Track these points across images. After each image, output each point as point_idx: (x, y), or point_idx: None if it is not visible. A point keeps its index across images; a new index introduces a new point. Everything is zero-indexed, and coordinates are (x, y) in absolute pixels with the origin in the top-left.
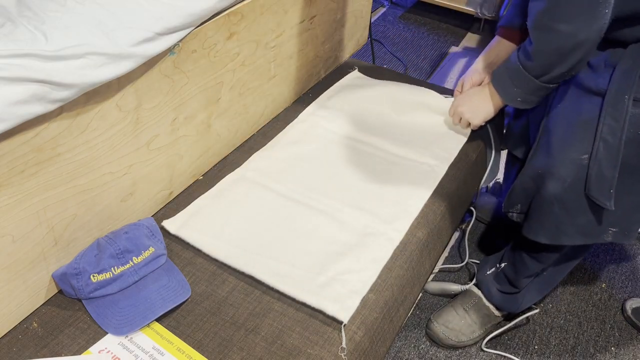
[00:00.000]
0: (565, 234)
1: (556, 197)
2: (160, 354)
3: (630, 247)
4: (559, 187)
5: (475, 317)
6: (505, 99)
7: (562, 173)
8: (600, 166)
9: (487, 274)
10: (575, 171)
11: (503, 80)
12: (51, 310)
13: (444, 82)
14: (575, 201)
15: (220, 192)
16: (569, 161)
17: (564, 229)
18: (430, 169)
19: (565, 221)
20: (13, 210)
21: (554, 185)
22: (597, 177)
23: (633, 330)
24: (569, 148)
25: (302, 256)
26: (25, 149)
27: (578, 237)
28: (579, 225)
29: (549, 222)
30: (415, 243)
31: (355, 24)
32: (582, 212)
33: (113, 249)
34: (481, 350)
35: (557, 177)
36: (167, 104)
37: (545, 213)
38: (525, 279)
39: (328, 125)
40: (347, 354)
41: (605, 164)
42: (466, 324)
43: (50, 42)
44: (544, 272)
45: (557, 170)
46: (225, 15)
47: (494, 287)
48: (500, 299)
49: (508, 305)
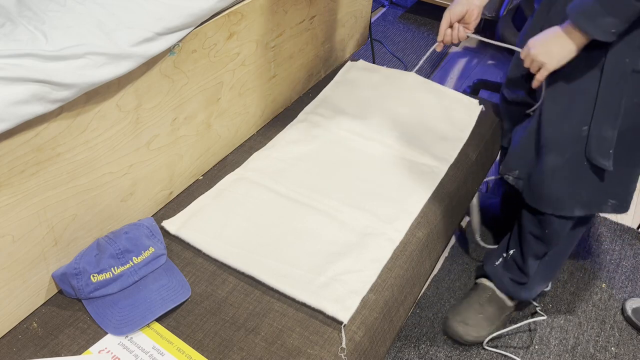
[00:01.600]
0: (567, 205)
1: (556, 168)
2: (160, 354)
3: (630, 247)
4: (559, 159)
5: (491, 310)
6: (594, 32)
7: (562, 145)
8: (600, 128)
9: (496, 265)
10: (574, 143)
11: (590, 11)
12: (51, 310)
13: (444, 82)
14: (575, 172)
15: (220, 192)
16: (569, 133)
17: (564, 199)
18: (430, 169)
19: (566, 192)
20: (13, 210)
21: (554, 158)
22: (597, 139)
23: (633, 330)
24: (567, 121)
25: (302, 256)
26: (25, 149)
27: (579, 208)
28: (580, 196)
29: (550, 192)
30: (415, 243)
31: (355, 24)
32: (583, 183)
33: (113, 249)
34: (482, 348)
35: (556, 149)
36: (167, 104)
37: (546, 183)
38: (532, 263)
39: (328, 125)
40: (347, 354)
41: (605, 126)
42: (484, 318)
43: (50, 42)
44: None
45: (557, 142)
46: (225, 15)
47: (505, 277)
48: (512, 287)
49: (521, 293)
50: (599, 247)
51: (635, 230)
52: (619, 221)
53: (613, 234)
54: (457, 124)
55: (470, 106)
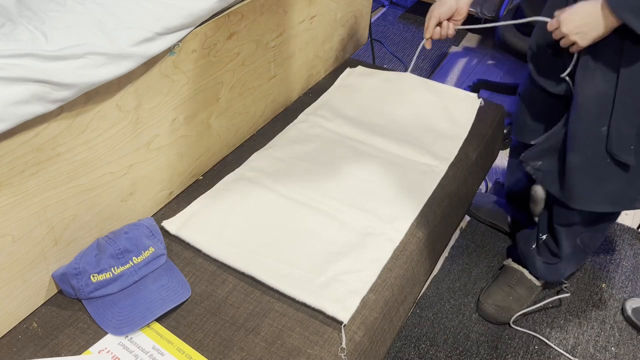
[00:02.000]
0: (595, 201)
1: (580, 168)
2: (160, 354)
3: (630, 247)
4: (581, 159)
5: (521, 291)
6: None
7: (582, 145)
8: (618, 126)
9: (531, 249)
10: (595, 142)
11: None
12: (51, 310)
13: (444, 82)
14: (600, 170)
15: (220, 192)
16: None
17: (592, 196)
18: (430, 169)
19: (593, 189)
20: (13, 210)
21: (576, 158)
22: (617, 136)
23: (633, 330)
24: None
25: (302, 256)
26: (25, 149)
27: (607, 204)
28: (607, 194)
29: (578, 189)
30: (415, 243)
31: (355, 24)
32: (609, 180)
33: (113, 249)
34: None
35: (577, 150)
36: (167, 104)
37: (572, 180)
38: (566, 248)
39: (328, 125)
40: (347, 354)
41: (623, 124)
42: (514, 300)
43: (50, 42)
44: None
45: (576, 143)
46: (225, 15)
47: (538, 260)
48: (544, 270)
49: (551, 275)
50: (599, 246)
51: (635, 230)
52: (619, 221)
53: (613, 234)
54: (457, 121)
55: (469, 101)
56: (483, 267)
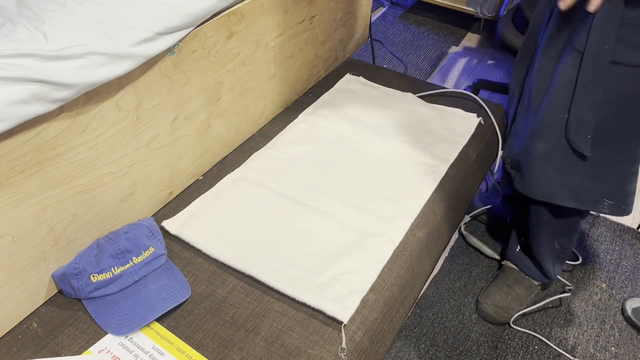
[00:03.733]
0: (558, 194)
1: (545, 155)
2: (160, 354)
3: (630, 247)
4: (547, 146)
5: (520, 291)
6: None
7: (549, 132)
8: (579, 110)
9: (517, 252)
10: (560, 131)
11: None
12: (51, 310)
13: (444, 82)
14: (564, 160)
15: (220, 192)
16: (554, 120)
17: (556, 188)
18: (430, 169)
19: (556, 180)
20: (13, 210)
21: (542, 145)
22: (576, 122)
23: (633, 330)
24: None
25: (302, 256)
26: (25, 149)
27: (570, 199)
28: (571, 188)
29: (542, 180)
30: (415, 243)
31: (355, 24)
32: (572, 173)
33: (113, 249)
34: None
35: (544, 136)
36: (167, 104)
37: (537, 170)
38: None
39: (328, 125)
40: (347, 354)
41: (584, 109)
42: (513, 299)
43: (50, 42)
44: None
45: (544, 130)
46: (225, 15)
47: (527, 261)
48: (535, 271)
49: (542, 277)
50: (599, 247)
51: (635, 230)
52: (619, 221)
53: (613, 234)
54: (456, 130)
55: (469, 118)
56: (483, 267)
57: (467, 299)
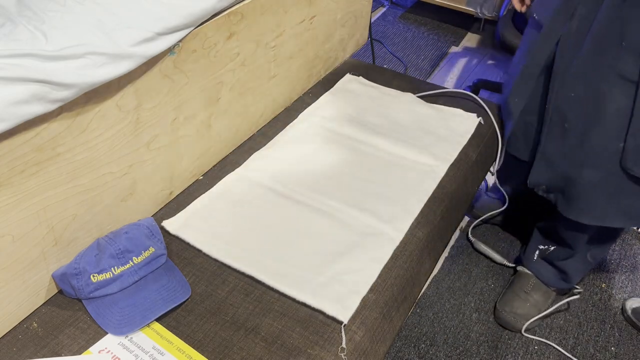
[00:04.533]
0: (609, 216)
1: (596, 184)
2: (160, 354)
3: (630, 247)
4: (598, 174)
5: (537, 297)
6: None
7: (600, 160)
8: (636, 138)
9: (534, 260)
10: (613, 159)
11: None
12: (51, 310)
13: (444, 82)
14: (617, 185)
15: (220, 192)
16: (606, 150)
17: (607, 211)
18: (430, 169)
19: (608, 204)
20: (13, 210)
21: (592, 174)
22: (634, 150)
23: (633, 330)
24: (603, 138)
25: (302, 256)
26: (25, 149)
27: (623, 219)
28: (623, 208)
29: (592, 205)
30: (415, 243)
31: (355, 24)
32: (626, 195)
33: (113, 249)
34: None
35: (594, 166)
36: (167, 104)
37: (586, 197)
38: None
39: (328, 125)
40: (347, 354)
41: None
42: (531, 306)
43: (50, 42)
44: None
45: (594, 160)
46: (225, 15)
47: (544, 269)
48: (553, 279)
49: (561, 283)
50: None
51: (636, 230)
52: None
53: None
54: (456, 130)
55: (469, 118)
56: (483, 267)
57: (467, 299)
